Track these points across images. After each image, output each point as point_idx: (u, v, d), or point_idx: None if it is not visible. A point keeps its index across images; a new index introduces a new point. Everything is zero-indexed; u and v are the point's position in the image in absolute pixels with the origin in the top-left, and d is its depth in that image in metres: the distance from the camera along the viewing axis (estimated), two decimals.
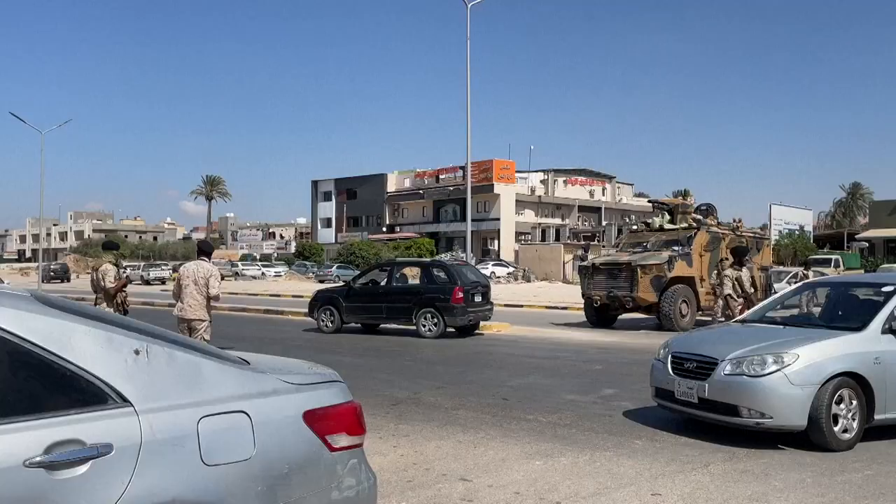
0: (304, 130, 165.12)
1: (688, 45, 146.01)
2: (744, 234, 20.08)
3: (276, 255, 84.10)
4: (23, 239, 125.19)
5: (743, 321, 7.80)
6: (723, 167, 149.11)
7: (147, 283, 51.64)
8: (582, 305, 19.63)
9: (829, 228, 74.75)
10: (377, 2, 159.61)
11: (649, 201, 26.21)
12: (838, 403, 6.12)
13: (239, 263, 65.92)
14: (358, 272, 24.88)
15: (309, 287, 44.57)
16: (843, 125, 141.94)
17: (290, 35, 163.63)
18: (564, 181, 77.19)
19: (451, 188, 70.47)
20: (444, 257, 62.58)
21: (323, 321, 16.84)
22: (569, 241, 61.84)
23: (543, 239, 68.48)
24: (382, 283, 16.84)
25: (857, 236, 55.95)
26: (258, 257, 79.97)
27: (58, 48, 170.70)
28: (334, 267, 56.06)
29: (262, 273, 60.04)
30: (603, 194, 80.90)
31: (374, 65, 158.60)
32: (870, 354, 6.28)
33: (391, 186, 78.98)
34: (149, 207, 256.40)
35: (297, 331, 17.46)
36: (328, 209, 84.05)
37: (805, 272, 19.07)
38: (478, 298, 16.04)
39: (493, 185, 67.32)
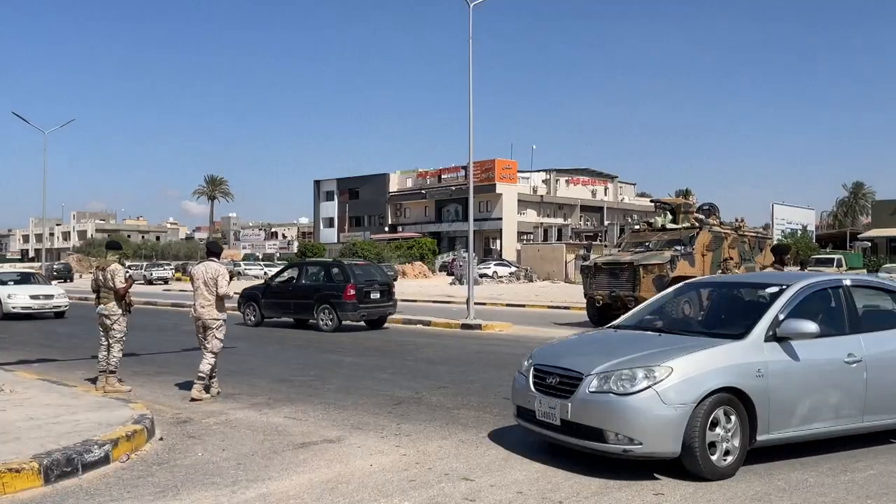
0: (307, 130, 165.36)
1: (690, 44, 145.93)
2: (746, 233, 20.08)
3: (278, 254, 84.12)
4: (26, 239, 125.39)
5: (617, 326, 6.84)
6: (725, 167, 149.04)
7: (150, 282, 51.74)
8: (584, 305, 19.63)
9: (831, 228, 74.69)
10: (379, 2, 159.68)
11: (651, 201, 26.20)
12: (715, 425, 5.32)
13: (241, 263, 65.95)
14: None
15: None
16: (845, 125, 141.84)
17: (291, 35, 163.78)
18: (566, 181, 77.18)
19: (453, 188, 70.48)
20: (446, 257, 62.70)
21: (247, 315, 18.65)
22: (571, 241, 61.79)
23: (545, 239, 68.46)
24: (292, 281, 18.65)
25: (859, 236, 55.88)
26: (261, 257, 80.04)
27: (60, 48, 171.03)
28: None
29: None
30: (605, 194, 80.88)
31: (376, 65, 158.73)
32: (752, 366, 5.49)
33: (393, 186, 79.02)
34: (151, 207, 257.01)
35: (297, 330, 17.47)
36: (330, 209, 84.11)
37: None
38: (375, 295, 17.45)
39: (495, 184, 67.32)
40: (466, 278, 21.71)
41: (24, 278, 22.58)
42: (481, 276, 46.94)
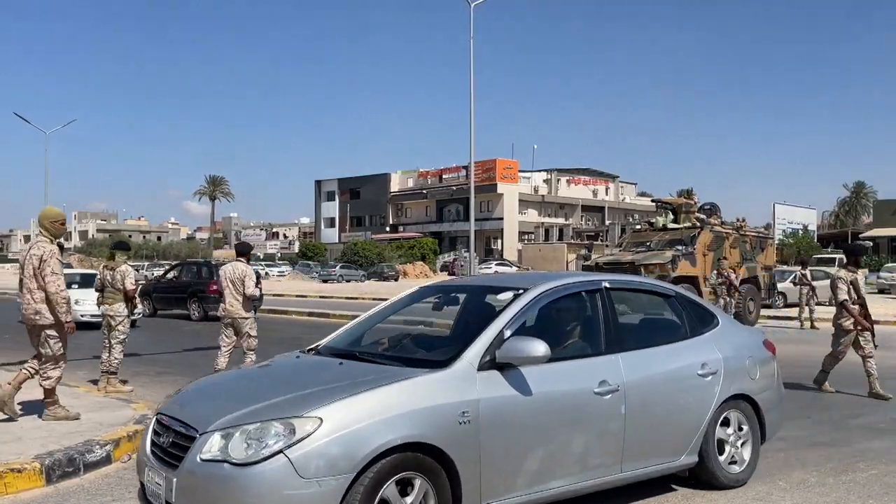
0: (308, 130, 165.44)
1: (691, 44, 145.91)
2: (747, 233, 20.07)
3: (279, 254, 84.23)
4: (27, 239, 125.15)
5: (314, 349, 4.93)
6: (726, 166, 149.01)
7: None
8: None
9: (832, 228, 74.65)
10: (380, 1, 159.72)
11: (653, 201, 26.22)
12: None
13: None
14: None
15: (312, 287, 44.62)
16: (846, 124, 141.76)
17: (292, 35, 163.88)
18: (567, 181, 77.19)
19: (455, 188, 70.51)
20: (447, 257, 62.70)
21: (144, 307, 20.43)
22: (572, 241, 61.78)
23: (546, 238, 68.49)
24: (175, 279, 21.77)
25: (860, 235, 55.79)
26: (261, 257, 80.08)
27: (61, 48, 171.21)
28: (338, 267, 56.13)
29: (266, 273, 60.13)
30: (606, 194, 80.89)
31: (377, 65, 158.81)
32: (454, 407, 3.81)
33: (394, 186, 79.06)
34: (152, 207, 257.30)
35: (300, 329, 17.46)
36: (331, 209, 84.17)
37: (803, 272, 18.95)
38: None
39: (496, 184, 67.36)
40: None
41: (87, 280, 18.38)
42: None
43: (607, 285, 4.88)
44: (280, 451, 3.41)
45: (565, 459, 4.27)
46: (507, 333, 4.20)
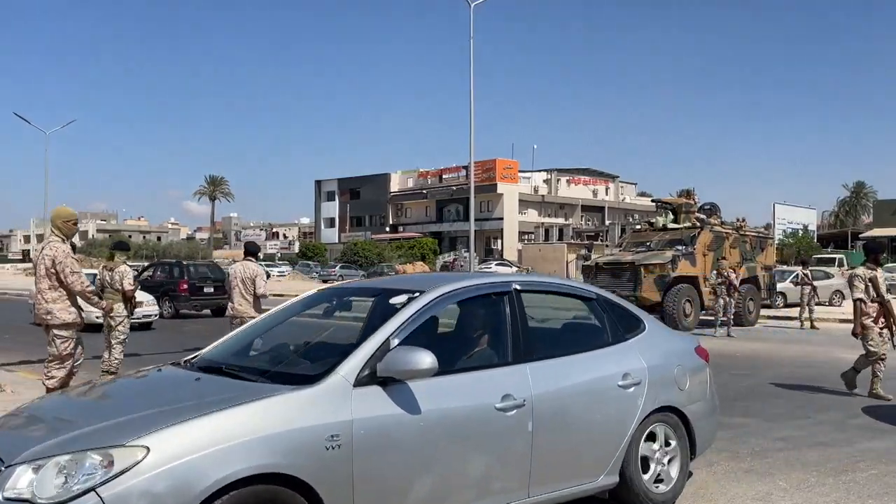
0: (308, 130, 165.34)
1: (691, 43, 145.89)
2: (747, 233, 20.08)
3: (279, 254, 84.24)
4: (27, 239, 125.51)
5: (188, 361, 4.29)
6: (726, 166, 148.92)
7: None
8: None
9: (832, 228, 74.64)
10: (380, 1, 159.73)
11: (653, 201, 26.24)
12: None
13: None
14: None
15: (313, 287, 44.53)
16: (847, 124, 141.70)
17: (292, 34, 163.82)
18: (567, 181, 77.20)
19: (455, 188, 70.53)
20: (447, 257, 62.72)
21: (158, 308, 21.47)
22: (572, 241, 61.81)
23: (546, 238, 68.50)
24: (150, 278, 22.66)
25: (860, 235, 55.76)
26: (261, 257, 79.92)
27: (61, 48, 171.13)
28: (338, 267, 56.17)
29: (266, 273, 60.08)
30: (606, 194, 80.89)
31: (377, 64, 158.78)
32: (321, 431, 3.27)
33: (394, 186, 79.10)
34: (152, 207, 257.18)
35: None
36: (331, 209, 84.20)
37: (804, 272, 18.98)
38: (208, 290, 21.61)
39: (496, 184, 67.38)
40: None
41: None
42: None
43: (518, 287, 4.39)
44: (92, 489, 2.81)
45: (461, 485, 3.75)
46: (395, 343, 3.64)
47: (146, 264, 34.61)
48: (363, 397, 3.45)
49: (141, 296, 21.40)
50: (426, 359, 3.47)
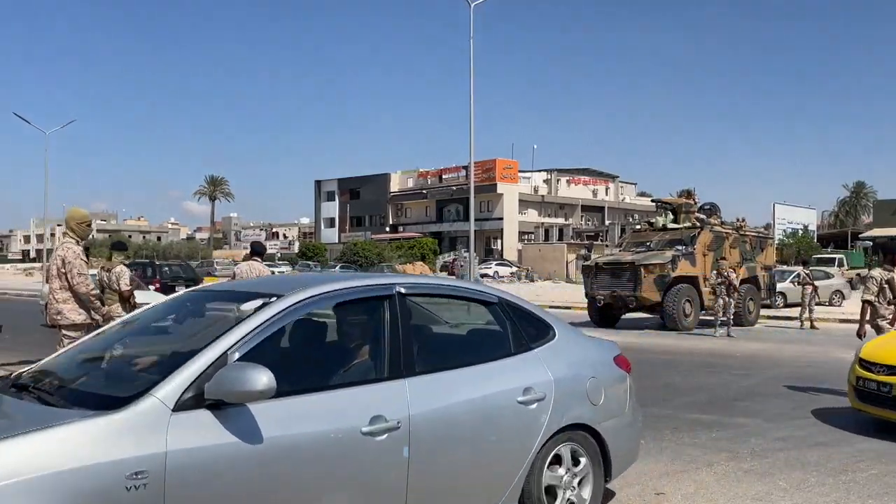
0: (307, 130, 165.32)
1: (691, 43, 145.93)
2: (747, 233, 20.09)
3: (279, 255, 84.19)
4: (27, 239, 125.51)
5: (12, 378, 3.67)
6: (726, 166, 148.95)
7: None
8: (585, 305, 19.65)
9: (832, 228, 74.64)
10: (380, 1, 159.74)
11: (653, 201, 26.25)
12: None
13: (240, 264, 65.99)
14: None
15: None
16: (847, 124, 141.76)
17: (292, 34, 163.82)
18: (567, 181, 77.21)
19: (455, 188, 70.53)
20: (447, 257, 62.74)
21: None
22: (572, 241, 61.83)
23: (546, 238, 68.50)
24: None
25: (860, 235, 55.82)
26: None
27: (61, 48, 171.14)
28: (337, 267, 56.20)
29: (272, 273, 60.13)
30: (606, 194, 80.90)
31: (377, 64, 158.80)
32: (116, 467, 2.66)
33: (394, 186, 79.10)
34: (152, 208, 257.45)
35: None
36: (331, 209, 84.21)
37: (805, 272, 19.03)
38: (180, 289, 22.08)
39: (496, 184, 67.37)
40: (467, 278, 21.72)
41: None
42: (482, 276, 46.95)
43: (402, 290, 3.79)
44: None
45: None
46: (235, 358, 3.06)
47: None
48: (184, 424, 2.84)
49: (152, 296, 19.60)
50: (261, 378, 2.86)
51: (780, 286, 23.02)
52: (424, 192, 75.42)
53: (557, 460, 4.04)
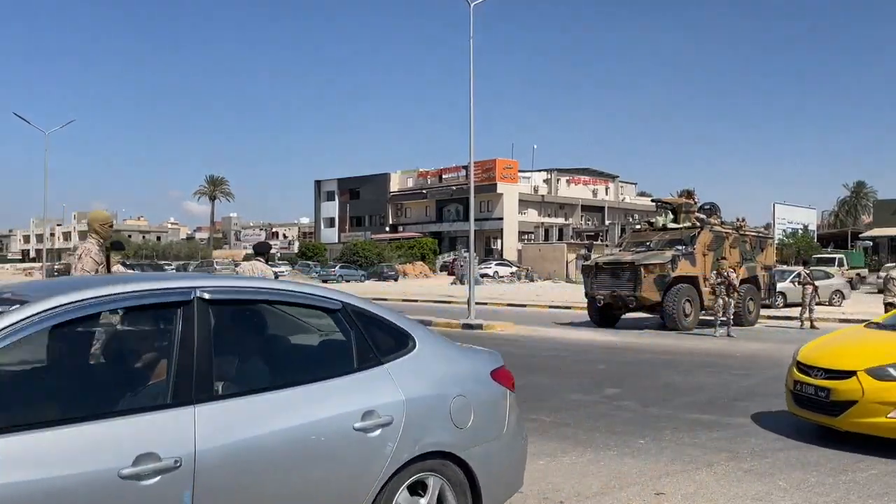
0: (307, 130, 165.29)
1: (691, 43, 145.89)
2: (747, 233, 20.09)
3: (279, 254, 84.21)
4: (27, 239, 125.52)
5: None
6: (726, 166, 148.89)
7: None
8: (585, 305, 19.65)
9: (832, 227, 74.62)
10: (380, 1, 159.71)
11: (653, 200, 26.25)
12: None
13: (241, 263, 66.04)
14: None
15: None
16: (847, 124, 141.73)
17: (292, 34, 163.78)
18: (567, 180, 77.22)
19: (454, 188, 70.54)
20: (447, 257, 62.78)
21: None
22: (572, 241, 61.83)
23: (546, 238, 68.47)
24: None
25: (860, 235, 55.81)
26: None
27: (61, 48, 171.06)
28: (337, 267, 56.20)
29: (275, 274, 60.05)
30: (606, 194, 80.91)
31: (376, 64, 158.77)
32: None
33: (394, 186, 79.11)
34: (152, 207, 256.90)
35: None
36: (331, 209, 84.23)
37: (806, 271, 19.05)
38: None
39: (496, 184, 67.37)
40: (467, 278, 21.73)
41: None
42: (482, 276, 46.98)
43: (205, 296, 3.10)
44: None
45: None
46: None
47: (69, 264, 34.77)
48: None
49: None
50: None
51: (780, 286, 23.02)
52: (424, 191, 75.43)
53: (415, 492, 3.41)
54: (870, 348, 6.57)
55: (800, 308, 18.71)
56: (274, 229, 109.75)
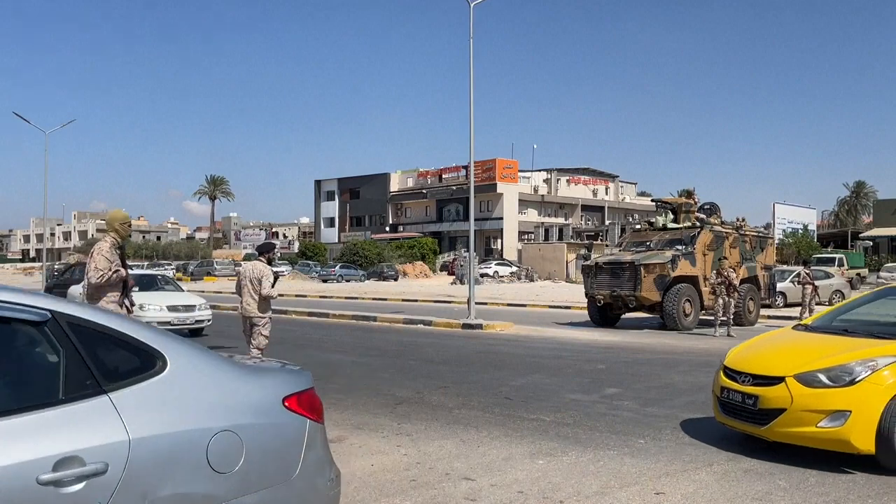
0: (308, 130, 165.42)
1: (691, 43, 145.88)
2: (747, 233, 20.09)
3: (279, 254, 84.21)
4: (27, 239, 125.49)
5: None
6: (726, 166, 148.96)
7: None
8: (585, 305, 19.65)
9: (832, 227, 74.64)
10: (380, 1, 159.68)
11: (653, 200, 26.24)
12: None
13: (242, 263, 66.06)
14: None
15: (312, 287, 44.67)
16: (847, 124, 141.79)
17: (293, 34, 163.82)
18: (567, 180, 77.22)
19: (454, 187, 70.54)
20: (447, 257, 62.76)
21: None
22: (572, 241, 61.81)
23: (546, 238, 68.46)
24: (69, 276, 21.60)
25: (860, 235, 55.83)
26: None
27: (61, 48, 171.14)
28: (337, 266, 56.17)
29: (275, 275, 59.97)
30: (606, 193, 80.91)
31: (377, 64, 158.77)
32: None
33: (394, 186, 79.10)
34: (152, 207, 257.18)
35: (303, 329, 17.49)
36: (331, 209, 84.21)
37: (807, 271, 19.06)
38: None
39: (496, 184, 67.38)
40: (467, 278, 21.72)
41: (149, 282, 16.41)
42: (482, 275, 47.00)
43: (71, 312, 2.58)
44: None
45: None
46: None
47: (69, 263, 34.74)
48: None
49: (192, 298, 16.26)
50: None
51: (780, 286, 23.03)
52: (424, 191, 75.41)
53: None
54: (799, 352, 6.12)
55: (800, 308, 18.72)
56: (274, 229, 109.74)
